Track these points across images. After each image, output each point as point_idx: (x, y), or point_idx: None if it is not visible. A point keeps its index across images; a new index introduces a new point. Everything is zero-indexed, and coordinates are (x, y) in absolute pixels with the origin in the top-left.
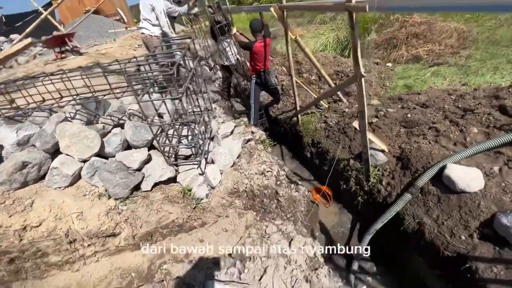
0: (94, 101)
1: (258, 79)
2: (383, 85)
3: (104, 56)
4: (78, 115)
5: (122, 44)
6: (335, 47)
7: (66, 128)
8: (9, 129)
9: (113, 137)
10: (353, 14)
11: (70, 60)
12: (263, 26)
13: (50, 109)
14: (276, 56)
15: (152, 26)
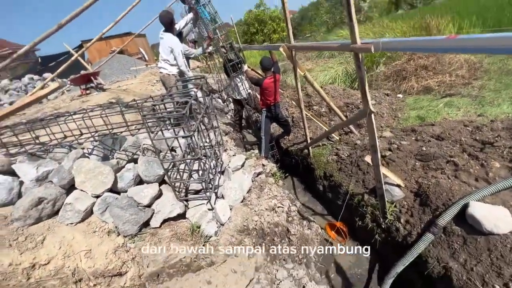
0: (111, 138)
1: (269, 113)
2: (395, 116)
3: (125, 92)
4: (96, 151)
5: (142, 80)
6: (344, 80)
7: (83, 164)
8: (31, 165)
9: (126, 173)
10: (359, 54)
11: (94, 96)
12: (273, 64)
13: (70, 146)
14: (286, 89)
15: (170, 66)
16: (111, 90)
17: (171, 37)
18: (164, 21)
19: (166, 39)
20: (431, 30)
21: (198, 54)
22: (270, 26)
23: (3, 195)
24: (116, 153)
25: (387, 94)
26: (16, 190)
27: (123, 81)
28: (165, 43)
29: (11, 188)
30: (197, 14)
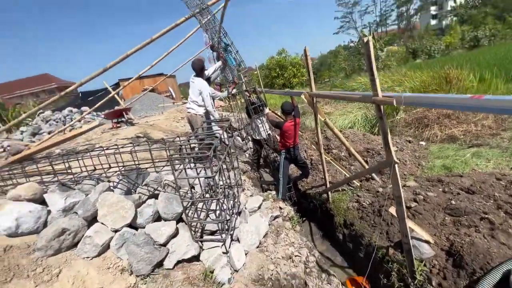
0: (136, 173)
1: (288, 154)
2: (419, 164)
3: (152, 127)
4: (120, 184)
5: (168, 116)
6: (363, 125)
7: (107, 198)
8: (60, 195)
9: (146, 208)
10: (381, 106)
11: (123, 129)
12: (294, 108)
13: (98, 178)
14: (305, 131)
15: (198, 107)
16: (139, 125)
17: (201, 81)
18: (196, 68)
19: (196, 83)
20: (452, 81)
21: (224, 96)
22: (290, 71)
23: (30, 224)
24: (139, 188)
25: (409, 141)
26: (43, 219)
27: (151, 117)
28: (195, 86)
29: (39, 217)
30: (225, 62)
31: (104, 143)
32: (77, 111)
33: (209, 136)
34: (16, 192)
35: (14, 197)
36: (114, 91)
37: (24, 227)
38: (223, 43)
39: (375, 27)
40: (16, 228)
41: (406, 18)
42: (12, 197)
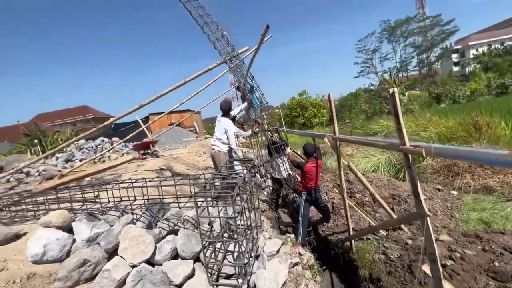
0: (160, 207)
1: (309, 196)
2: (451, 216)
3: (175, 160)
4: (143, 217)
5: (190, 150)
6: (388, 169)
7: (130, 231)
8: (86, 225)
9: (165, 244)
10: (409, 155)
11: (148, 161)
12: (316, 149)
13: (123, 210)
14: (326, 172)
15: (222, 144)
16: (163, 157)
17: (227, 121)
18: (223, 108)
19: (222, 122)
20: (481, 128)
21: (247, 135)
22: (311, 111)
23: (55, 252)
24: (160, 222)
25: (438, 189)
26: (68, 248)
27: (175, 150)
28: (222, 125)
29: (65, 245)
30: (250, 104)
31: (130, 173)
32: (108, 141)
33: (232, 175)
34: (48, 218)
35: (45, 223)
36: (145, 125)
37: (49, 255)
38: (249, 85)
39: (395, 72)
40: (42, 255)
41: (427, 64)
42: (44, 223)
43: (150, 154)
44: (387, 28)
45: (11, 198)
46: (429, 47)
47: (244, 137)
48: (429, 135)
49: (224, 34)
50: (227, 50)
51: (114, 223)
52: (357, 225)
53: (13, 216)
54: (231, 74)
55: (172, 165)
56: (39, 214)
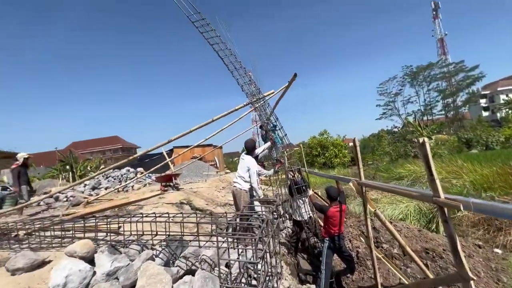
0: (177, 244)
1: (332, 243)
2: (498, 279)
3: (195, 194)
4: (162, 254)
5: (210, 185)
6: (418, 218)
7: (148, 268)
8: (108, 258)
9: (182, 286)
10: (445, 208)
11: (169, 194)
12: (339, 193)
13: (144, 245)
14: (349, 217)
15: (244, 182)
16: (184, 190)
17: (251, 159)
18: (247, 147)
19: (246, 160)
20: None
21: (270, 174)
22: (332, 151)
23: (75, 284)
24: (178, 260)
25: (479, 246)
26: (87, 281)
27: (195, 183)
28: (245, 163)
29: (85, 277)
30: (273, 143)
31: (151, 205)
32: (133, 171)
33: (254, 216)
34: (73, 248)
35: (70, 253)
36: (169, 158)
37: (69, 287)
38: (272, 124)
39: (420, 115)
40: (63, 286)
41: (453, 108)
42: (69, 252)
43: (171, 186)
44: (409, 73)
45: (42, 223)
46: (455, 92)
47: (266, 176)
48: (462, 184)
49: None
50: (253, 92)
51: (134, 257)
52: (386, 281)
53: (41, 241)
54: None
55: (192, 199)
56: (65, 242)
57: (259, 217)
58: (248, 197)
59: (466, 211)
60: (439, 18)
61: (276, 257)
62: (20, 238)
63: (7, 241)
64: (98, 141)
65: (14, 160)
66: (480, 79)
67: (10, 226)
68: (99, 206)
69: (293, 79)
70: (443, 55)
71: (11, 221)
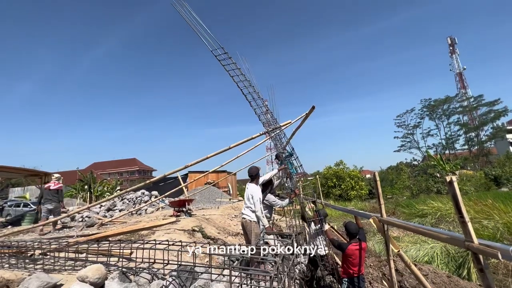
0: (190, 276)
1: (351, 285)
2: None
3: (207, 221)
4: (172, 285)
5: (222, 212)
6: (445, 262)
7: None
8: (118, 286)
9: None
10: (480, 255)
11: (181, 219)
12: (359, 230)
13: (154, 274)
14: (369, 256)
15: (252, 212)
16: (196, 217)
17: (254, 186)
18: (251, 174)
19: (249, 189)
20: None
21: (284, 205)
22: (348, 183)
23: None
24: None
25: None
26: None
27: (207, 209)
28: (248, 191)
29: None
30: (289, 174)
31: (163, 230)
32: (148, 194)
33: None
34: (85, 273)
35: (81, 277)
36: (184, 183)
37: None
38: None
39: (441, 149)
40: None
41: (477, 143)
42: (80, 276)
43: (184, 212)
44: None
45: (58, 243)
46: (478, 126)
47: (281, 207)
48: (494, 225)
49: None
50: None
51: (144, 287)
52: None
53: (54, 262)
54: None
55: (204, 227)
56: (78, 265)
57: (274, 251)
58: (258, 228)
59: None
60: (456, 53)
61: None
62: (35, 258)
63: (23, 260)
64: (117, 163)
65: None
66: (506, 114)
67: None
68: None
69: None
70: (463, 89)
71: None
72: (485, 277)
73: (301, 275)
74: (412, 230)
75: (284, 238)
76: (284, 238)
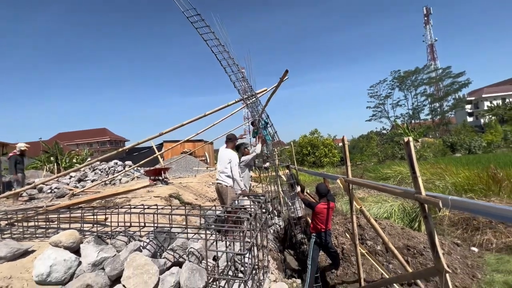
0: (165, 236)
1: (319, 239)
2: (473, 275)
3: (184, 189)
4: (149, 246)
5: (200, 180)
6: (401, 217)
7: (136, 258)
8: (94, 248)
9: (169, 277)
10: (425, 205)
11: (158, 187)
12: (328, 191)
13: (131, 236)
14: (336, 214)
15: (227, 178)
16: (173, 185)
17: (230, 151)
18: (229, 137)
19: (226, 153)
20: (501, 182)
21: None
22: (322, 150)
23: (60, 273)
24: (165, 252)
25: (457, 244)
26: (72, 271)
27: (185, 178)
28: (225, 156)
29: (70, 267)
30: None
31: (139, 198)
32: (121, 164)
33: (243, 211)
34: (58, 238)
35: (55, 243)
36: (159, 152)
37: (54, 276)
38: (263, 121)
39: (408, 118)
40: (47, 276)
41: (440, 113)
42: (54, 241)
43: (160, 180)
44: (397, 77)
45: (25, 213)
46: (442, 97)
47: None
48: (444, 185)
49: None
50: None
51: (121, 248)
52: (368, 276)
53: (24, 231)
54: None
55: (181, 194)
56: (49, 232)
57: (247, 211)
58: (234, 192)
59: (446, 210)
60: (430, 24)
61: (263, 250)
62: (1, 228)
63: None
64: (86, 133)
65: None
66: (466, 86)
67: None
68: (84, 198)
69: (285, 75)
70: (432, 61)
71: None
72: (428, 222)
73: (275, 235)
74: (371, 187)
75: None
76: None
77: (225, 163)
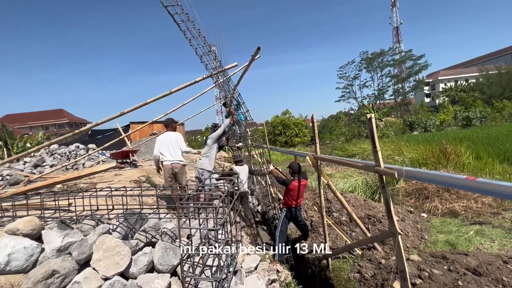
0: (139, 217)
1: (289, 213)
2: (421, 237)
3: (155, 172)
4: (119, 228)
5: None
6: (364, 190)
7: (105, 241)
8: (58, 234)
9: (141, 257)
10: (383, 176)
11: (126, 171)
12: (300, 168)
13: (99, 219)
14: (306, 190)
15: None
16: (142, 168)
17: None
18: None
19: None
20: (449, 156)
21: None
22: (293, 130)
23: (21, 261)
24: (137, 233)
25: (410, 211)
26: (35, 258)
27: None
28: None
29: (31, 254)
30: (235, 120)
31: (106, 182)
32: (84, 148)
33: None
34: (15, 225)
35: (11, 231)
36: (125, 134)
37: (14, 265)
38: (236, 101)
39: (373, 99)
40: (5, 265)
41: (402, 94)
42: (10, 230)
43: (129, 163)
44: (365, 58)
45: None
46: (405, 78)
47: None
48: (402, 160)
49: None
50: (214, 65)
51: (89, 232)
52: (334, 244)
53: None
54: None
55: (151, 177)
56: (4, 221)
57: (220, 189)
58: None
59: (402, 180)
60: (396, 6)
61: (236, 226)
62: None
63: None
64: (39, 115)
65: None
66: (426, 68)
67: None
68: (42, 183)
69: (257, 53)
70: (397, 43)
71: None
72: (385, 192)
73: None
74: (337, 162)
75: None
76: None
77: (176, 144)
